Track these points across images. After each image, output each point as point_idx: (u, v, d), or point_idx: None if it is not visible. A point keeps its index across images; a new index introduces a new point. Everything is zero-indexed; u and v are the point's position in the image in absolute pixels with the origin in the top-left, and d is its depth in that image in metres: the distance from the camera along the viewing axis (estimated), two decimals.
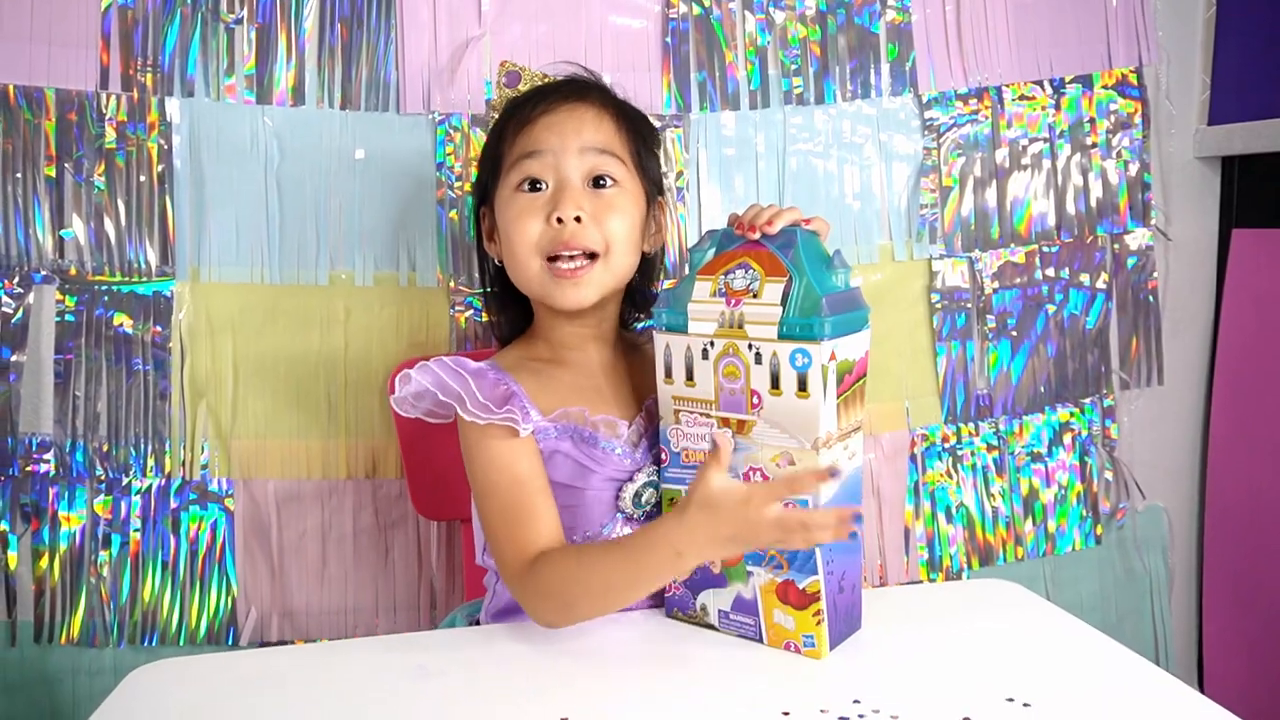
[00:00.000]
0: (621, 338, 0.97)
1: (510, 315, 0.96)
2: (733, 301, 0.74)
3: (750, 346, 0.73)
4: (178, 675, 0.76)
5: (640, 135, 0.93)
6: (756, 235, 0.75)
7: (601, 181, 0.87)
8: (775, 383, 0.72)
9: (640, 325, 0.98)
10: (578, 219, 0.85)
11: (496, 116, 0.94)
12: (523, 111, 0.90)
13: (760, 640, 0.77)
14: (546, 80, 0.96)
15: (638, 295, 0.97)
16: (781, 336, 0.72)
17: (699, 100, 1.22)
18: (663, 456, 0.80)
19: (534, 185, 0.87)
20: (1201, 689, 1.30)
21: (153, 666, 0.77)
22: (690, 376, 0.76)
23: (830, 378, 0.71)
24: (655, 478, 0.85)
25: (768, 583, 0.76)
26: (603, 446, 0.86)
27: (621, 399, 0.90)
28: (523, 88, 0.96)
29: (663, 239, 0.98)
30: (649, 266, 0.97)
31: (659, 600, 0.84)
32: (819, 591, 0.74)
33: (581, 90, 0.91)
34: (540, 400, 0.86)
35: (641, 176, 0.92)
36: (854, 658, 0.75)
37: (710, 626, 0.80)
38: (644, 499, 0.86)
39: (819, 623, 0.74)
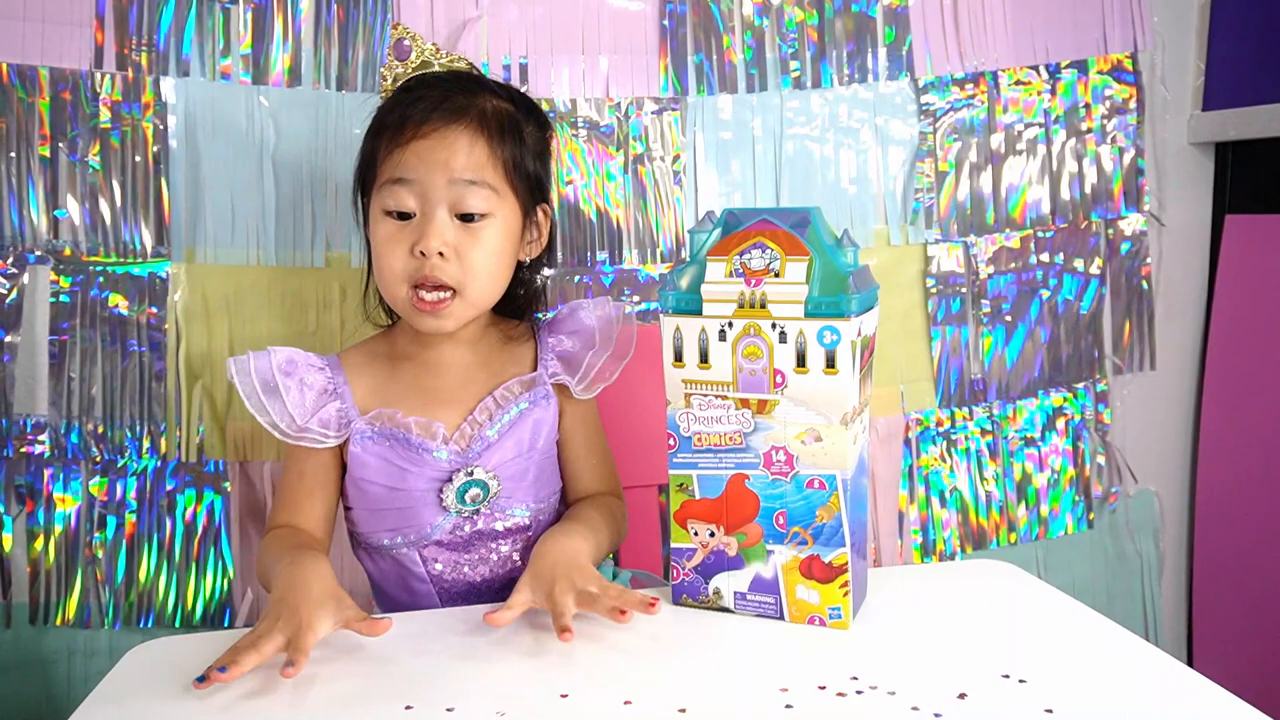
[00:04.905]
0: (494, 333, 0.97)
1: (387, 305, 0.97)
2: (753, 281, 0.74)
3: (774, 326, 0.73)
4: (176, 653, 0.76)
5: (520, 143, 0.90)
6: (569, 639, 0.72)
7: (469, 217, 0.87)
8: (801, 361, 0.73)
9: (547, 313, 0.99)
10: (441, 254, 0.85)
11: (386, 88, 0.93)
12: (397, 129, 0.87)
13: (781, 617, 0.77)
14: (439, 56, 0.94)
15: (516, 296, 0.97)
16: (808, 314, 0.72)
17: (696, 83, 1.22)
18: (670, 442, 0.80)
19: (401, 215, 0.87)
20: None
21: (150, 645, 0.77)
22: (704, 359, 0.76)
23: (857, 353, 0.72)
24: (480, 477, 0.89)
25: (790, 560, 0.76)
26: (417, 447, 0.88)
27: (460, 399, 0.92)
28: (414, 59, 0.95)
29: (541, 246, 0.96)
30: (527, 269, 0.96)
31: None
32: (846, 564, 0.75)
33: (458, 110, 0.87)
34: (366, 401, 0.92)
35: (517, 192, 0.90)
36: (851, 635, 0.75)
37: (724, 609, 0.80)
38: (469, 497, 0.88)
39: (846, 594, 0.75)
